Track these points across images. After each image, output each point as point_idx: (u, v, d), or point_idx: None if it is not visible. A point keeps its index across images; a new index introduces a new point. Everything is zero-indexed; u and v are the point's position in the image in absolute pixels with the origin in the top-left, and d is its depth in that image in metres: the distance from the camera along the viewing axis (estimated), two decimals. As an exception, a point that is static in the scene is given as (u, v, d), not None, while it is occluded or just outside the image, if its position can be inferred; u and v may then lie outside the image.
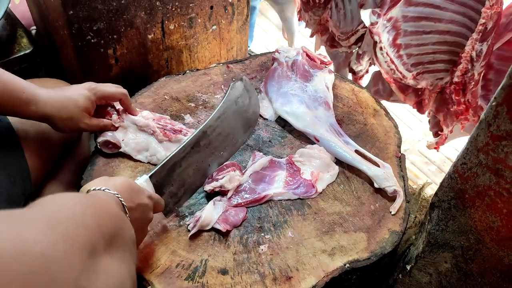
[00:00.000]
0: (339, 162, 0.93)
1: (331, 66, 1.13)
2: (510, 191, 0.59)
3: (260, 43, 2.10)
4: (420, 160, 1.69)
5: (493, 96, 0.55)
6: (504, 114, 0.54)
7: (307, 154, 0.91)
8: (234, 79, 1.03)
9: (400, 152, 0.97)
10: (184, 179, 0.82)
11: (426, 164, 1.68)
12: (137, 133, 0.90)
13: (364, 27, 1.15)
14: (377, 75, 1.27)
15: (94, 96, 0.84)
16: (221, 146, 0.89)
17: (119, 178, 0.65)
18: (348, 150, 0.92)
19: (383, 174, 0.88)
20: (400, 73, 1.08)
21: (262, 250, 0.78)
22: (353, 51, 1.33)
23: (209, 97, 1.03)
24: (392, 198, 0.87)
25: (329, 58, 1.14)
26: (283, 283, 0.74)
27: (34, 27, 1.27)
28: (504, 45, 0.95)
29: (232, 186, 0.85)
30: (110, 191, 0.60)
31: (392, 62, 1.06)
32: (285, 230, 0.82)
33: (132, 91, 1.00)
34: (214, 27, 1.17)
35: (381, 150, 0.97)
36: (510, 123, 0.54)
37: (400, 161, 0.95)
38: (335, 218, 0.84)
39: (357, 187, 0.90)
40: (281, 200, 0.86)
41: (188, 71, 1.08)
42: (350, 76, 1.41)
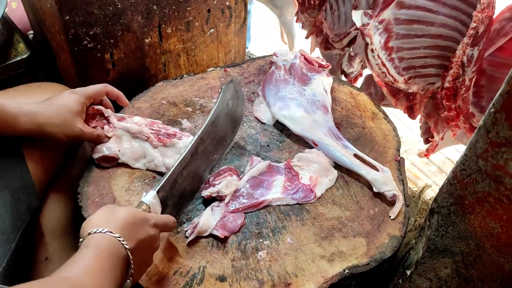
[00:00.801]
0: (338, 167, 0.92)
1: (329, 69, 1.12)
2: (510, 198, 0.59)
3: (259, 44, 2.09)
4: (421, 161, 1.68)
5: (492, 103, 0.55)
6: (503, 121, 0.54)
7: (306, 159, 0.91)
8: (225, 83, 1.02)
9: (399, 156, 0.96)
10: (185, 188, 0.82)
11: (427, 165, 1.68)
12: (132, 141, 0.89)
13: (357, 29, 1.15)
14: (370, 78, 1.27)
15: (83, 98, 0.83)
16: (214, 150, 0.89)
17: (123, 212, 0.64)
18: (347, 154, 0.91)
19: (382, 178, 0.87)
20: (392, 77, 1.07)
21: (261, 256, 0.78)
22: (346, 53, 1.32)
23: (207, 102, 1.03)
24: (392, 203, 0.87)
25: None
26: (282, 290, 0.74)
27: (31, 32, 1.27)
28: (497, 51, 0.94)
29: (230, 191, 0.84)
30: (112, 234, 0.60)
31: (384, 65, 1.05)
32: (284, 236, 0.81)
33: (130, 96, 0.99)
34: (212, 30, 1.17)
35: (380, 154, 0.96)
36: (509, 130, 0.54)
37: (399, 165, 0.94)
38: (334, 223, 0.84)
39: (356, 192, 0.89)
40: (280, 205, 0.86)
41: (186, 75, 1.08)
42: (343, 78, 1.41)
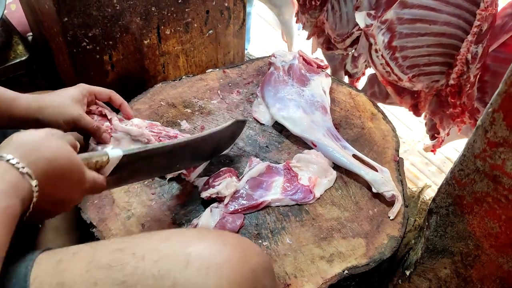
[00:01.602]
0: (337, 167, 0.92)
1: (328, 70, 1.12)
2: (508, 198, 0.59)
3: (258, 45, 2.09)
4: (420, 161, 1.68)
5: (490, 102, 0.55)
6: (501, 121, 0.54)
7: (305, 160, 0.91)
8: (235, 114, 0.97)
9: (398, 156, 0.96)
10: (143, 170, 0.76)
11: (426, 165, 1.68)
12: (131, 144, 0.87)
13: (360, 30, 1.15)
14: (373, 78, 1.27)
15: (85, 90, 0.83)
16: (188, 160, 0.85)
17: (18, 133, 0.54)
18: (346, 155, 0.91)
19: (381, 179, 0.87)
20: (396, 76, 1.07)
21: (260, 258, 0.78)
22: (349, 54, 1.32)
23: (206, 103, 1.03)
24: (391, 203, 0.87)
25: (326, 61, 1.14)
26: (281, 291, 0.74)
27: (30, 34, 1.27)
28: (500, 47, 0.95)
29: (229, 193, 0.84)
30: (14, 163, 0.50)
31: (388, 65, 1.06)
32: (283, 237, 0.81)
33: (129, 97, 1.00)
34: (211, 32, 1.17)
35: (379, 154, 0.96)
36: (507, 130, 0.54)
37: (399, 165, 0.94)
38: (333, 224, 0.84)
39: (355, 192, 0.89)
40: (279, 206, 0.86)
41: (184, 77, 1.08)
42: (346, 79, 1.41)
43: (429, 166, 1.68)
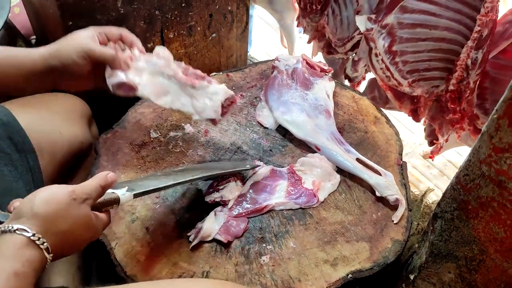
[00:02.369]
0: (341, 171, 0.92)
1: (330, 74, 1.13)
2: (514, 203, 0.59)
3: (260, 48, 2.09)
4: (422, 164, 1.68)
5: (495, 109, 0.55)
6: (506, 127, 0.54)
7: (308, 163, 0.91)
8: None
9: (402, 160, 0.96)
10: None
11: (428, 168, 1.68)
12: (154, 76, 0.78)
13: (360, 34, 1.15)
14: (373, 82, 1.27)
15: (95, 31, 0.81)
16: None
17: (41, 197, 0.57)
18: (349, 159, 0.91)
19: (385, 183, 0.87)
20: (396, 80, 1.07)
21: (264, 261, 0.78)
22: (349, 58, 1.33)
23: (209, 106, 1.03)
24: (394, 207, 0.87)
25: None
26: (286, 295, 0.74)
27: (34, 37, 1.27)
28: (500, 54, 0.95)
29: (233, 196, 0.84)
30: (24, 233, 0.54)
31: (388, 69, 1.06)
32: (287, 241, 0.81)
33: (133, 101, 1.00)
34: (214, 35, 1.17)
35: (383, 158, 0.96)
36: (513, 136, 0.54)
37: (402, 169, 0.95)
38: (337, 228, 0.84)
39: (359, 196, 0.89)
40: (283, 210, 0.86)
41: (188, 80, 1.08)
42: (347, 83, 1.41)
43: (431, 169, 1.68)
